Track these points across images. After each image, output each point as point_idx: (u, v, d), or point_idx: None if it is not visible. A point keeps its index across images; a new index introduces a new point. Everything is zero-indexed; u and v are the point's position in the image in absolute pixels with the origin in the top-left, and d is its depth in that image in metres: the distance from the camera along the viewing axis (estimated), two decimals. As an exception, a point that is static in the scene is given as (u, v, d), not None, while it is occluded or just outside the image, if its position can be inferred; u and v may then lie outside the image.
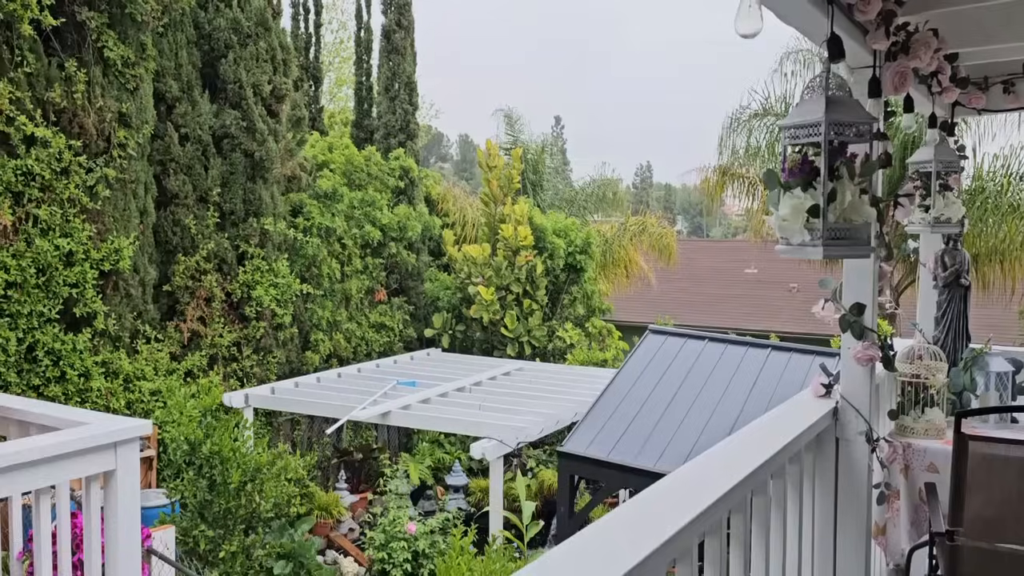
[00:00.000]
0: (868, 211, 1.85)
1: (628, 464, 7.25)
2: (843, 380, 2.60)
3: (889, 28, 2.27)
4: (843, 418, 2.58)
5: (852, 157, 1.88)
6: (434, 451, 11.53)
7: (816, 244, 1.81)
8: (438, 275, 13.40)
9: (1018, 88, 3.82)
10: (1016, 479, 2.98)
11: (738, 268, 23.44)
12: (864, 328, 2.51)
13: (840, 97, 1.84)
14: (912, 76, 2.47)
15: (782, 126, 1.91)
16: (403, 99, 13.57)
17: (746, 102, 14.63)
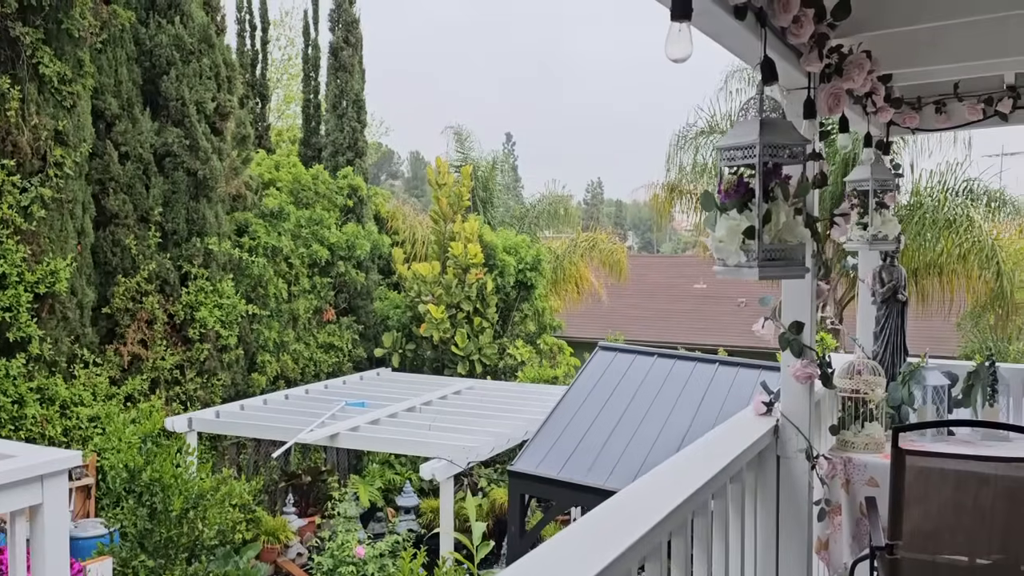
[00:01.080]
0: (802, 232, 1.87)
1: (578, 482, 7.23)
2: (783, 398, 2.62)
3: (822, 51, 2.31)
4: (783, 436, 2.59)
5: (787, 178, 1.89)
6: (384, 472, 11.39)
7: (752, 265, 1.82)
8: (388, 294, 13.29)
9: (950, 108, 3.93)
10: (952, 492, 3.03)
11: (687, 283, 23.72)
12: (803, 346, 2.53)
13: (774, 119, 1.86)
14: (846, 97, 2.52)
15: (718, 148, 1.92)
16: (351, 117, 13.48)
17: (693, 120, 14.89)
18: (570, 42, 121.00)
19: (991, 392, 3.82)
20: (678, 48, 1.56)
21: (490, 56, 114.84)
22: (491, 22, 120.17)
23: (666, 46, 1.57)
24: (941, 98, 3.93)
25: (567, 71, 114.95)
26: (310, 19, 14.52)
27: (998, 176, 20.89)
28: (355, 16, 13.69)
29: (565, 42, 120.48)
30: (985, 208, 14.02)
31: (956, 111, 3.93)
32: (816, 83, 2.43)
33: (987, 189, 14.32)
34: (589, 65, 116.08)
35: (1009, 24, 3.05)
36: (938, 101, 3.94)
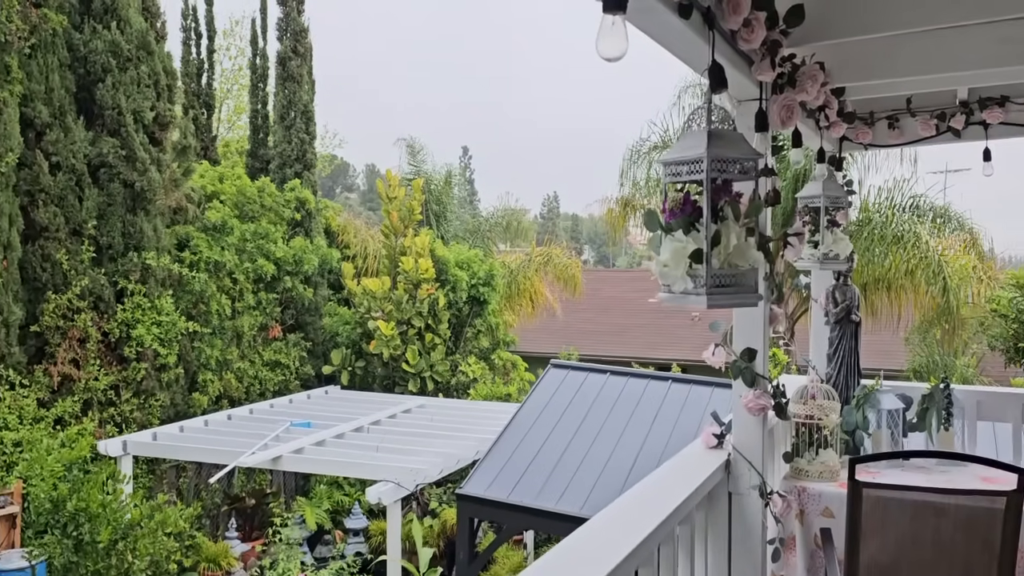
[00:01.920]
0: (755, 255, 1.70)
1: (529, 505, 7.01)
2: (735, 430, 2.45)
3: (775, 59, 2.15)
4: (735, 471, 2.42)
5: (737, 196, 1.72)
6: (332, 493, 11.05)
7: (700, 292, 1.64)
8: (337, 309, 12.96)
9: (903, 124, 3.83)
10: (910, 523, 2.89)
11: (642, 297, 23.70)
12: (755, 375, 2.37)
13: (723, 131, 1.69)
14: (800, 110, 2.37)
15: (663, 162, 1.74)
16: (300, 128, 13.15)
17: (646, 134, 14.86)
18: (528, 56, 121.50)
19: (946, 415, 3.71)
20: (610, 44, 1.37)
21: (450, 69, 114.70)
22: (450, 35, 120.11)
23: (597, 41, 1.38)
24: (894, 113, 3.84)
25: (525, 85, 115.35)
26: (258, 28, 14.18)
27: (943, 193, 21.31)
28: (304, 25, 13.40)
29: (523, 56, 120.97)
30: (931, 224, 14.21)
31: (909, 127, 3.84)
32: (768, 94, 2.28)
33: (933, 205, 14.53)
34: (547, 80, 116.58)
35: (966, 35, 2.95)
36: (891, 116, 3.85)
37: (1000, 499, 2.68)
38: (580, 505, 7.04)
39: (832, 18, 2.77)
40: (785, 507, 2.47)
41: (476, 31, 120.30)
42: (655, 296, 8.64)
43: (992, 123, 3.68)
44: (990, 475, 3.39)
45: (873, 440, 3.73)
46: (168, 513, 7.32)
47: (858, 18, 2.81)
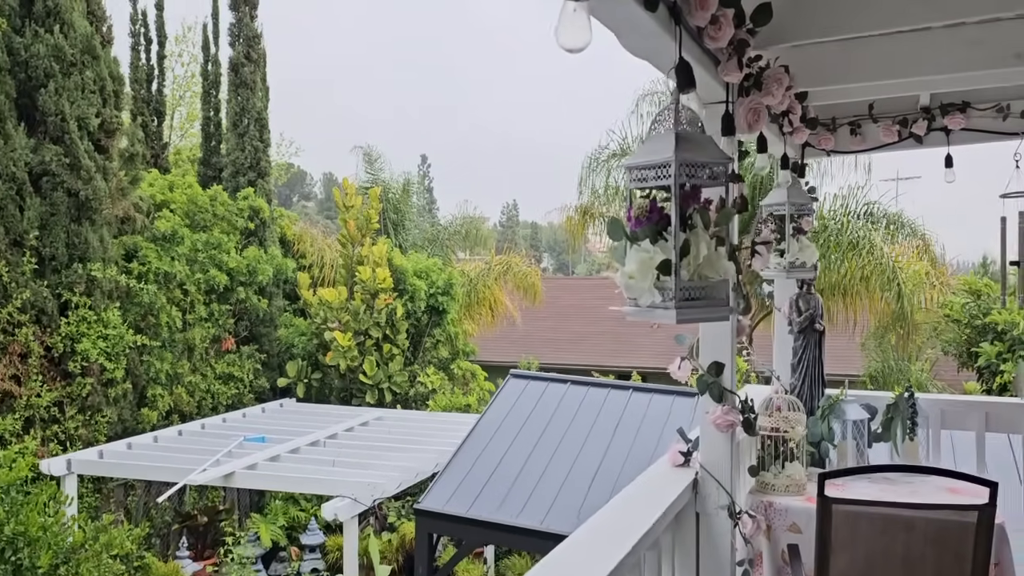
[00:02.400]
0: (726, 266, 1.59)
1: (489, 519, 6.86)
2: (703, 447, 2.35)
3: (742, 59, 2.06)
4: (703, 490, 2.32)
5: (707, 203, 1.61)
6: (288, 509, 10.78)
7: (668, 306, 1.53)
8: (293, 320, 12.68)
9: (865, 130, 3.79)
10: (880, 538, 2.81)
11: (602, 305, 23.73)
12: (723, 390, 2.27)
13: (692, 134, 1.58)
14: (767, 114, 2.28)
15: (627, 167, 1.63)
16: (253, 135, 12.86)
17: (605, 142, 14.84)
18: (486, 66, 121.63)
19: (911, 425, 3.66)
20: (571, 34, 1.26)
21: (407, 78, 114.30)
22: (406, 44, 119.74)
23: (557, 31, 1.26)
24: (856, 119, 3.80)
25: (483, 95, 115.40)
26: (210, 34, 13.86)
27: (895, 200, 21.68)
28: (257, 31, 13.12)
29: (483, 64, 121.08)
30: (885, 231, 14.41)
31: (871, 133, 3.80)
32: (734, 96, 2.19)
33: (886, 212, 14.74)
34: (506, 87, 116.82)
35: (933, 39, 2.90)
36: (853, 122, 3.81)
37: (971, 513, 2.62)
38: (541, 519, 6.91)
39: (796, 20, 2.70)
40: (755, 528, 2.37)
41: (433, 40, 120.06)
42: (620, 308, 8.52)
43: (954, 129, 3.66)
44: (956, 486, 3.33)
45: (838, 451, 3.66)
46: (114, 534, 7.01)
47: (823, 20, 2.75)
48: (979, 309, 11.44)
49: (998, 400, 4.00)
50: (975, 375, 11.81)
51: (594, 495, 7.04)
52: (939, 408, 3.87)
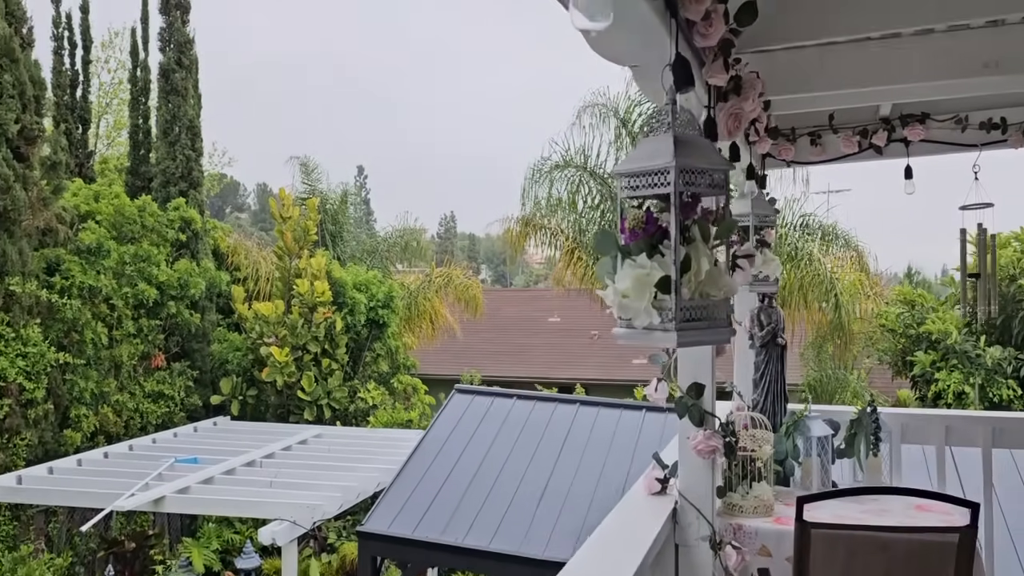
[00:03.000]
0: (728, 283, 1.45)
1: (435, 541, 6.64)
2: (681, 474, 2.20)
3: (727, 59, 1.94)
4: (683, 520, 2.17)
5: (707, 214, 1.47)
6: (222, 532, 10.35)
7: (668, 328, 1.37)
8: (227, 335, 12.22)
9: (825, 140, 3.74)
10: (859, 562, 2.70)
11: (542, 317, 23.68)
12: (704, 413, 2.13)
13: (692, 137, 1.43)
14: (746, 120, 2.16)
15: (618, 173, 1.47)
16: (185, 144, 12.37)
17: (547, 153, 14.77)
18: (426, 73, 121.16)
19: (874, 441, 3.60)
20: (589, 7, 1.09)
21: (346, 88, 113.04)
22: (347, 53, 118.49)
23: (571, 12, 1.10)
24: (816, 129, 3.74)
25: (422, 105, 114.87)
26: (139, 38, 13.32)
27: (829, 212, 22.17)
28: (188, 36, 12.65)
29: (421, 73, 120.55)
30: (821, 242, 14.66)
31: (831, 143, 3.75)
32: (714, 101, 2.07)
33: (822, 224, 15.01)
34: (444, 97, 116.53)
35: (900, 47, 2.84)
36: (813, 132, 3.75)
37: (952, 535, 2.53)
38: (489, 539, 6.72)
39: (764, 25, 2.60)
40: (739, 560, 2.23)
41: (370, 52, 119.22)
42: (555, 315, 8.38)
43: (913, 140, 3.62)
44: (923, 503, 3.27)
45: (803, 469, 3.57)
46: (33, 566, 6.58)
47: (792, 25, 2.65)
48: (913, 319, 11.70)
49: (958, 414, 3.99)
50: (909, 383, 12.07)
51: (542, 513, 6.89)
52: (900, 422, 3.82)
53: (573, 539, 6.56)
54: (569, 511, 6.82)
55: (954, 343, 10.94)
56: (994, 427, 3.77)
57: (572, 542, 6.53)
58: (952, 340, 10.96)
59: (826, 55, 2.96)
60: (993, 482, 3.77)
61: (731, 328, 1.49)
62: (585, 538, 6.39)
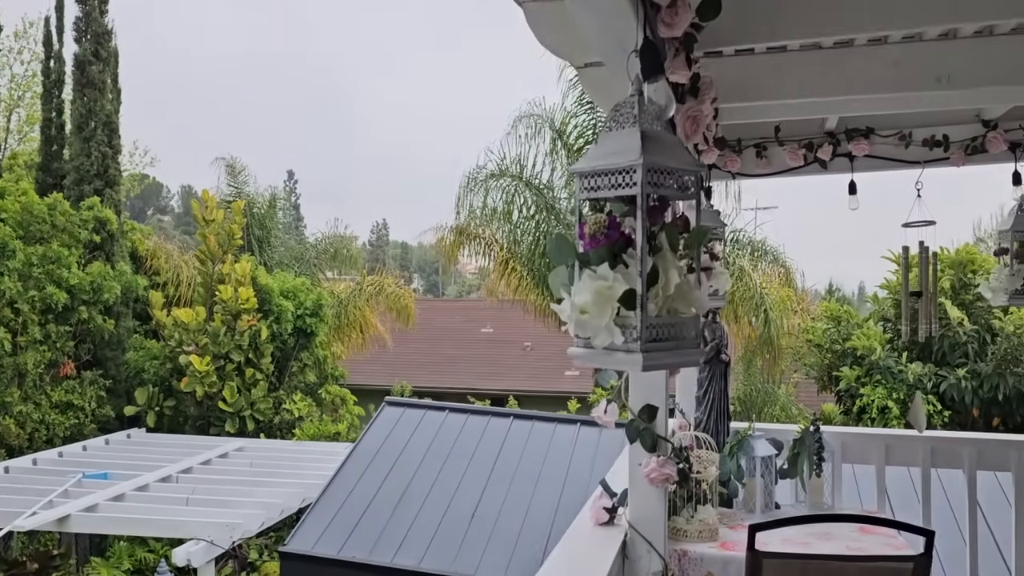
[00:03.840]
0: (699, 298, 1.28)
1: (362, 561, 6.37)
2: (632, 503, 2.04)
3: (690, 55, 1.79)
4: (633, 554, 2.01)
5: (678, 220, 1.30)
6: (135, 551, 9.82)
7: (632, 349, 1.20)
8: (144, 343, 11.66)
9: (771, 153, 3.66)
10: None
11: (474, 327, 23.47)
12: (656, 437, 1.97)
13: (660, 133, 1.26)
14: (704, 123, 2.02)
15: (577, 172, 1.30)
16: (101, 140, 11.76)
17: (483, 162, 14.60)
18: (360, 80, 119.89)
19: (817, 461, 3.52)
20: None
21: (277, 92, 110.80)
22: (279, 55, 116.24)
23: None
24: (762, 141, 3.66)
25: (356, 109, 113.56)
26: (53, 28, 12.65)
27: (757, 228, 22.61)
28: (107, 27, 12.05)
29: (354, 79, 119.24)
30: (751, 258, 14.87)
31: (777, 156, 3.67)
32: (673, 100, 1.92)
33: (751, 240, 15.23)
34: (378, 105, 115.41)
35: (854, 57, 2.76)
36: (759, 144, 3.67)
37: (907, 563, 2.43)
38: (419, 558, 6.47)
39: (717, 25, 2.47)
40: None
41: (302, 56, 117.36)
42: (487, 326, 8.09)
43: (858, 155, 3.57)
44: (866, 526, 3.19)
45: (747, 490, 3.46)
46: (-83, 595, 6.02)
47: (744, 27, 2.54)
48: (839, 335, 11.91)
49: (897, 433, 3.96)
50: (834, 398, 12.28)
51: (475, 531, 6.68)
52: (840, 441, 3.75)
53: (507, 557, 6.37)
54: (502, 528, 6.63)
55: (878, 359, 11.16)
56: (933, 447, 3.73)
57: (505, 560, 6.34)
58: (876, 356, 11.18)
59: (779, 63, 2.87)
60: (932, 502, 3.73)
61: (701, 349, 1.33)
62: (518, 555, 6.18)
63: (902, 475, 4.97)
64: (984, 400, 10.71)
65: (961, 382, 10.67)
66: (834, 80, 2.83)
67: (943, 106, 3.13)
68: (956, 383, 10.69)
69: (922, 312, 3.54)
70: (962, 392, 10.67)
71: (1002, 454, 3.68)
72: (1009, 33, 2.74)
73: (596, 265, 1.26)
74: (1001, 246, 3.63)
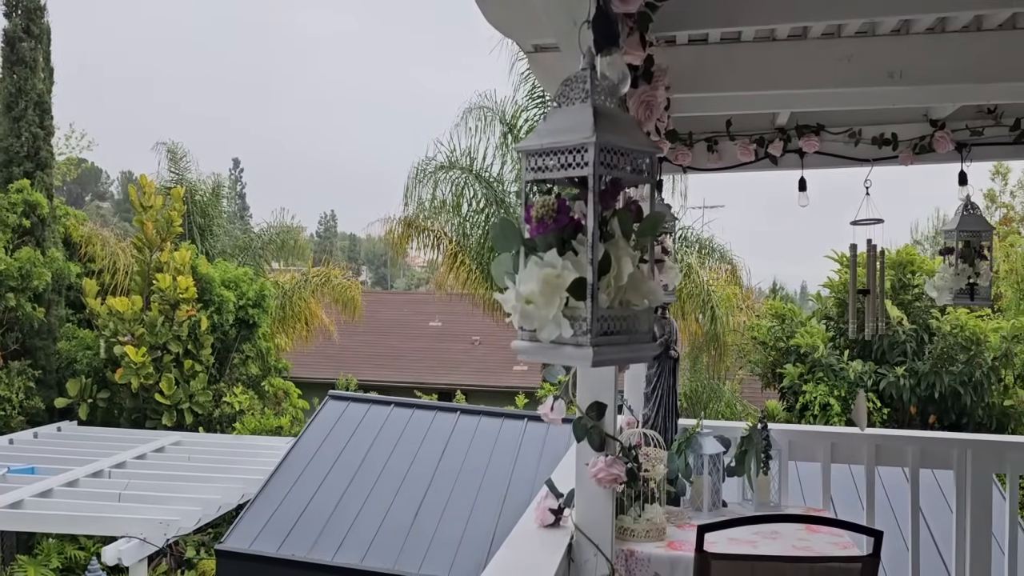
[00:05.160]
0: (653, 289, 1.20)
1: (302, 559, 6.21)
2: (578, 504, 1.96)
3: (644, 35, 1.71)
4: (579, 558, 1.93)
5: (631, 204, 1.21)
6: (64, 548, 9.48)
7: (581, 343, 1.11)
8: (77, 332, 11.24)
9: (721, 147, 3.61)
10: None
11: (422, 321, 23.25)
12: (604, 436, 1.89)
13: (614, 111, 1.17)
14: (658, 109, 1.95)
15: (524, 150, 1.20)
16: (32, 120, 11.26)
17: (432, 153, 14.42)
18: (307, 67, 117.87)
19: (765, 458, 3.49)
20: None
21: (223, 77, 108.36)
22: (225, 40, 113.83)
23: None
24: (713, 135, 3.62)
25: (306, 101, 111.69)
26: (-18, 2, 12.08)
27: (705, 226, 22.82)
28: (39, 2, 11.54)
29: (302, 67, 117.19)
30: (698, 255, 14.99)
31: (728, 151, 3.63)
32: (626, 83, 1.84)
33: (699, 238, 15.35)
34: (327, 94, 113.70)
35: (806, 51, 2.73)
36: (710, 139, 3.62)
37: (855, 564, 2.39)
38: (361, 556, 6.33)
39: (670, 9, 2.41)
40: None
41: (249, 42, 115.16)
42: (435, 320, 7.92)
43: (808, 152, 3.55)
44: (813, 525, 3.17)
45: (694, 488, 3.42)
46: None
47: (698, 12, 2.47)
48: (783, 332, 12.07)
49: (843, 430, 3.96)
50: (778, 395, 12.44)
51: (419, 527, 6.56)
52: (787, 439, 3.74)
53: (451, 554, 6.27)
54: (447, 524, 6.53)
55: (820, 357, 11.34)
56: (877, 445, 3.74)
57: (450, 557, 6.24)
58: (819, 354, 11.35)
59: (732, 54, 2.82)
60: (875, 500, 3.74)
61: (654, 344, 1.24)
62: (462, 553, 6.06)
63: (844, 472, 5.01)
64: (921, 398, 10.96)
65: (900, 380, 10.89)
66: (787, 73, 2.79)
67: (893, 103, 3.12)
68: (895, 381, 10.91)
69: (868, 310, 3.54)
70: (900, 390, 10.90)
71: (944, 452, 3.70)
72: (960, 30, 2.73)
73: (543, 252, 1.16)
74: (946, 245, 3.65)
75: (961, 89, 2.99)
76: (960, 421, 11.05)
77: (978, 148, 3.57)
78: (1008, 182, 23.06)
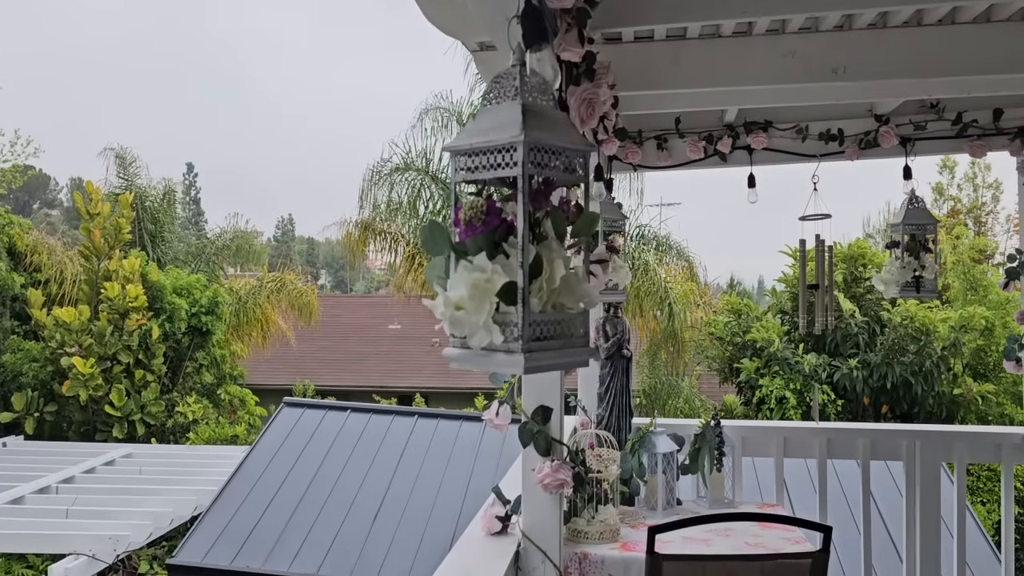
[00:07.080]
0: (587, 292, 1.16)
1: (256, 571, 6.09)
2: (525, 511, 1.92)
3: (583, 31, 1.67)
4: (526, 566, 1.89)
5: (565, 203, 1.17)
6: (11, 567, 9.17)
7: (513, 349, 1.07)
8: (22, 344, 10.91)
9: (671, 145, 3.61)
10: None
11: (381, 324, 23.06)
12: (551, 441, 1.86)
13: (544, 108, 1.13)
14: (601, 107, 1.91)
15: (451, 149, 1.15)
16: (-28, 127, 10.91)
17: (388, 155, 14.29)
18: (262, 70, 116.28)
19: (718, 455, 3.49)
20: None
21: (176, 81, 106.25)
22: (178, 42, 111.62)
23: None
24: (663, 133, 3.61)
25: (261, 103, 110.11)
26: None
27: (663, 224, 23.00)
28: (-21, 6, 11.21)
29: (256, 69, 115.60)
30: (656, 252, 15.08)
31: (678, 148, 3.62)
32: (565, 83, 1.80)
33: (656, 235, 15.45)
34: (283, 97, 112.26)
35: (750, 47, 2.72)
36: (660, 136, 3.61)
37: (805, 560, 2.39)
38: (318, 564, 6.23)
39: (615, 5, 2.38)
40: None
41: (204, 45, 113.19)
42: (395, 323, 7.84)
43: (756, 148, 3.56)
44: (765, 522, 3.17)
45: (648, 487, 3.40)
46: None
47: (643, 6, 2.45)
48: (740, 327, 12.19)
49: (795, 425, 3.99)
50: (735, 389, 12.57)
51: (377, 534, 6.47)
52: (741, 435, 3.75)
53: (410, 559, 6.20)
54: (405, 530, 6.46)
55: (776, 351, 11.47)
56: (829, 438, 3.76)
57: (408, 563, 6.17)
58: (774, 348, 11.49)
59: (678, 50, 2.80)
60: (828, 493, 3.77)
61: (589, 348, 1.20)
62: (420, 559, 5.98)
63: (799, 465, 5.05)
64: (874, 389, 11.15)
65: (853, 372, 11.07)
66: (733, 69, 2.79)
67: (838, 99, 3.13)
68: (848, 373, 11.09)
69: (818, 304, 3.56)
70: (854, 381, 11.07)
71: (894, 444, 3.74)
72: (901, 26, 2.75)
73: (473, 255, 1.12)
74: (892, 239, 3.68)
75: (904, 84, 3.02)
76: (912, 410, 11.26)
77: (922, 142, 3.61)
78: (955, 175, 23.63)
